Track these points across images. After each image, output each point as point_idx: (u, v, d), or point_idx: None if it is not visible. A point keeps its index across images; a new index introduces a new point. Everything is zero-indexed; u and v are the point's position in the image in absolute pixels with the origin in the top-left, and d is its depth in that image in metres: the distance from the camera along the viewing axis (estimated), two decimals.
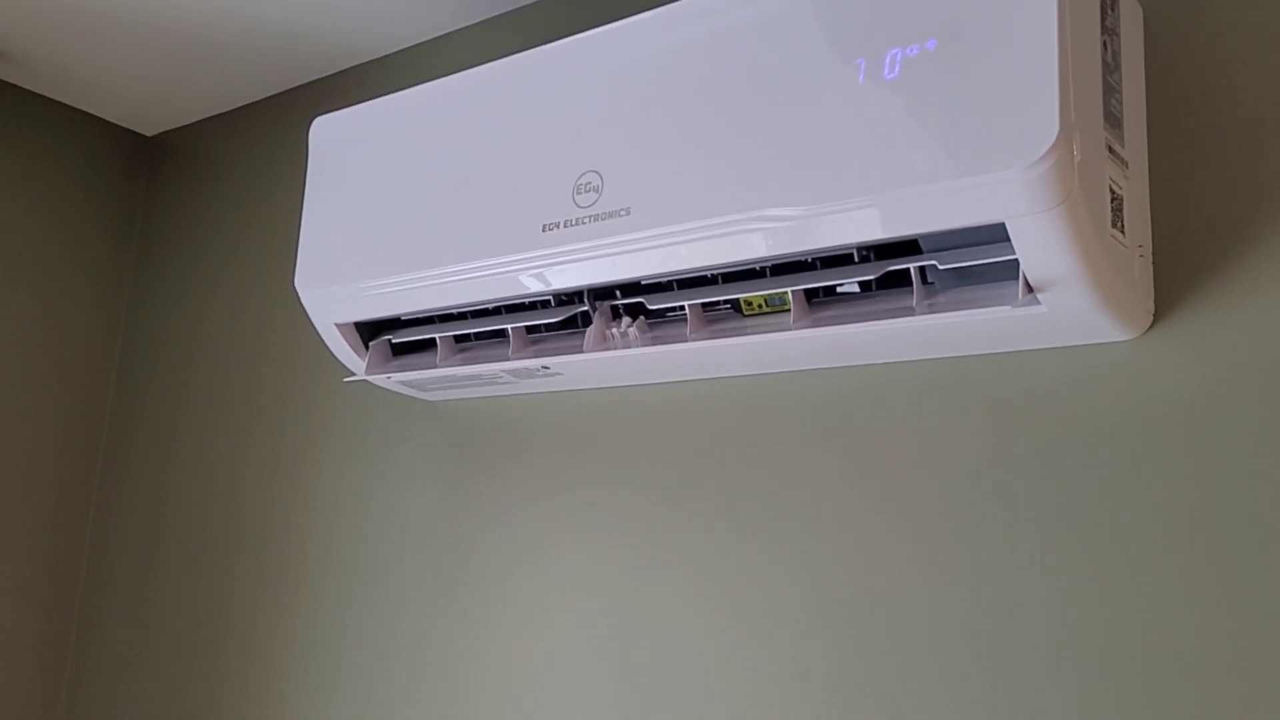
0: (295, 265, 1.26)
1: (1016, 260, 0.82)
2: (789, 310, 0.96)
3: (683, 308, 1.02)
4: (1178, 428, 0.88)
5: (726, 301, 1.01)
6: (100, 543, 1.74)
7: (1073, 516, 0.91)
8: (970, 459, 0.97)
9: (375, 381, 1.26)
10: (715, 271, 0.98)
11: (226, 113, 1.78)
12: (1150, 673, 0.85)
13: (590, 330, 1.06)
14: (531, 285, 1.06)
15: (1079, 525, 0.90)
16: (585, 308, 1.07)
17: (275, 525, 1.51)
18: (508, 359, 1.14)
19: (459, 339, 1.22)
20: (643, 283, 1.03)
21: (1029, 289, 0.83)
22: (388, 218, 1.16)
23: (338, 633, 1.40)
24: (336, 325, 1.23)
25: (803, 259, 0.93)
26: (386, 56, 1.57)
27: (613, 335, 1.06)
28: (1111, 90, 0.86)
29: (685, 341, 1.01)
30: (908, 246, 0.89)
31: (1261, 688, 0.81)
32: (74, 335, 1.77)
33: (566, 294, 1.08)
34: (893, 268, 0.89)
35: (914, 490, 0.99)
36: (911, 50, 0.83)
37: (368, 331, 1.25)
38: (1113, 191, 0.84)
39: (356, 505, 1.43)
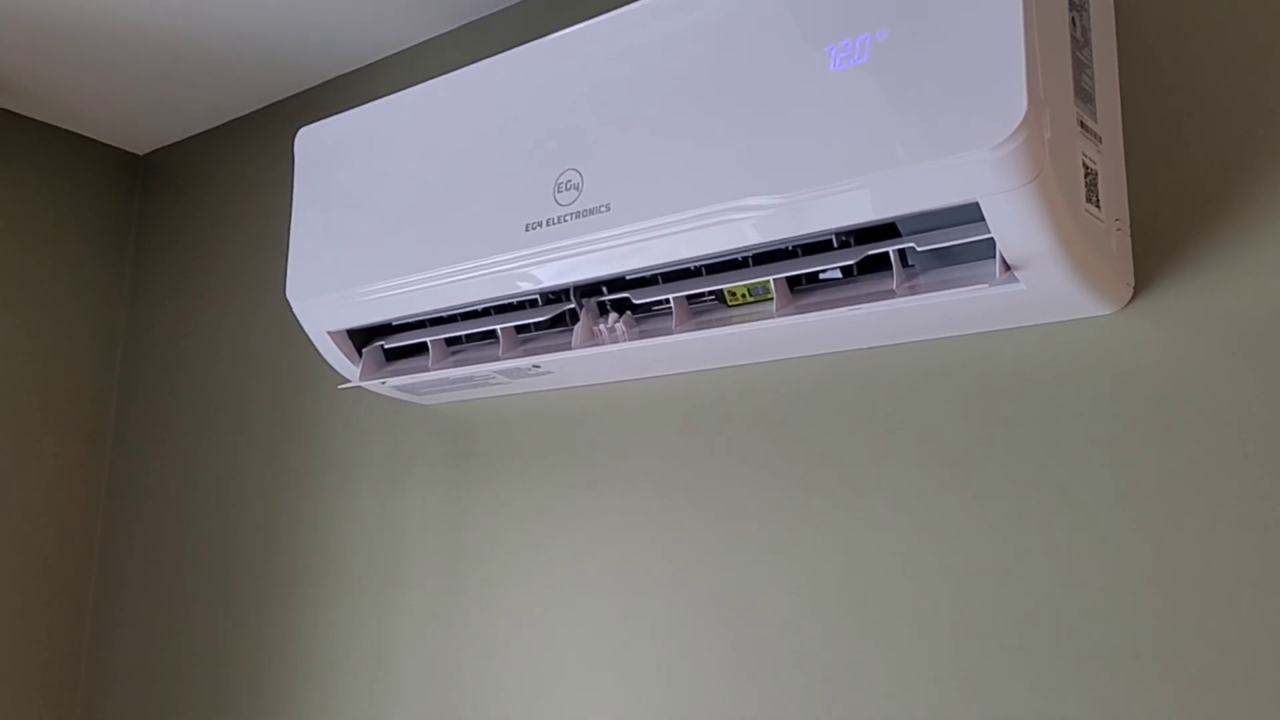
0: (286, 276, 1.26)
1: (993, 239, 0.82)
2: (772, 299, 0.96)
3: (668, 301, 1.02)
4: (1161, 400, 0.88)
5: (711, 293, 1.01)
6: (107, 558, 1.75)
7: (1059, 492, 0.91)
8: (957, 438, 0.97)
9: (370, 387, 1.27)
10: (698, 264, 0.99)
11: (216, 128, 1.79)
12: (1138, 649, 0.86)
13: (578, 327, 1.06)
14: (518, 285, 1.07)
15: (1065, 501, 0.91)
16: (572, 305, 1.08)
17: (277, 533, 1.52)
18: (498, 359, 1.15)
19: (450, 342, 1.22)
20: (627, 277, 1.04)
21: (1006, 267, 0.83)
22: (374, 224, 1.17)
23: (340, 636, 1.41)
24: (329, 333, 1.24)
25: (784, 247, 0.94)
26: (369, 65, 1.58)
27: (600, 331, 1.06)
28: (1082, 66, 0.86)
29: (671, 334, 1.01)
30: (886, 230, 0.89)
31: (1243, 659, 0.81)
32: (74, 353, 1.78)
33: (553, 292, 1.09)
34: (872, 251, 0.89)
35: (903, 471, 1.00)
36: (880, 34, 0.84)
37: (360, 338, 1.26)
38: (1086, 166, 0.84)
39: (355, 509, 1.44)
